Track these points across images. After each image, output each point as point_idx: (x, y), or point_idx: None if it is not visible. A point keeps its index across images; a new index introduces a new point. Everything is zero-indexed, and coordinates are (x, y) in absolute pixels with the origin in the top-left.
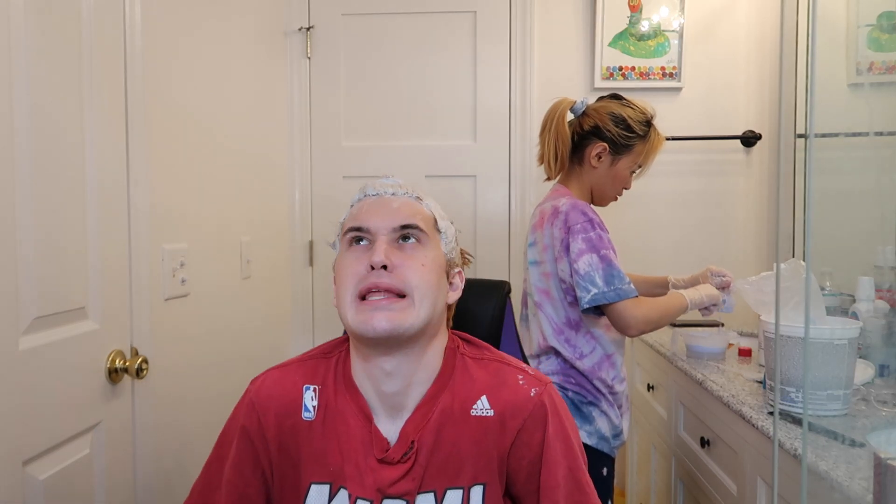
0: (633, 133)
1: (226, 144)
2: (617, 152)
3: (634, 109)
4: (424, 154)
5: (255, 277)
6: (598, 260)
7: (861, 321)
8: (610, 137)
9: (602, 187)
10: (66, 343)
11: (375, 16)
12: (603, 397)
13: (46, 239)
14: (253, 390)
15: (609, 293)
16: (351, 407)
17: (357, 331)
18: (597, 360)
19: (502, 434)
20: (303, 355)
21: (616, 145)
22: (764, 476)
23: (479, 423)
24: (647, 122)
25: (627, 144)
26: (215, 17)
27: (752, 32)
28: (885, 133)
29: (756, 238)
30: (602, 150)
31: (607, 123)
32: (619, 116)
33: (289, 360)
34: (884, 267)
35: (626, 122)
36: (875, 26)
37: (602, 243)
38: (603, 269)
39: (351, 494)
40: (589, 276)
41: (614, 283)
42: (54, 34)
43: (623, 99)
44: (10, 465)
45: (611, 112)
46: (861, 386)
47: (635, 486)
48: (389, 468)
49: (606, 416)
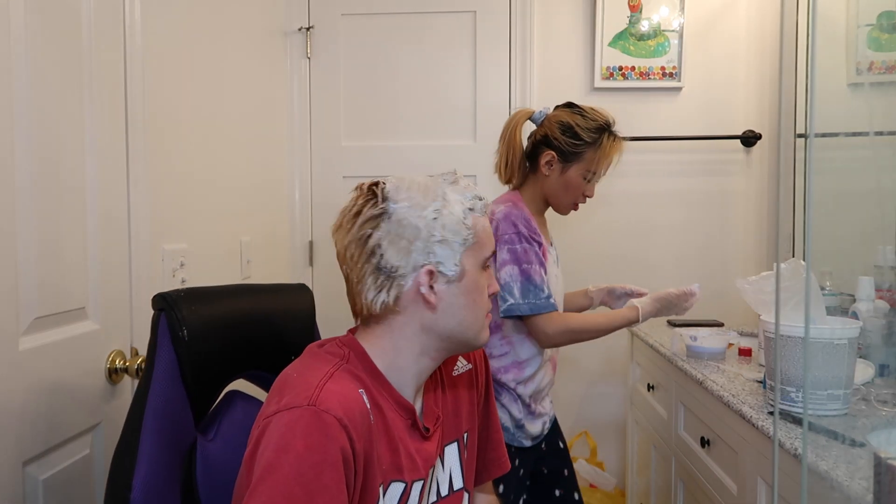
0: (580, 140)
1: (226, 144)
2: (566, 160)
3: (585, 117)
4: (424, 154)
5: (255, 277)
6: (518, 272)
7: (861, 321)
8: (557, 146)
9: (555, 195)
10: (66, 343)
11: (375, 16)
12: (506, 391)
13: (46, 239)
14: (332, 408)
15: (523, 305)
16: (388, 400)
17: (479, 343)
18: (505, 364)
19: (478, 383)
20: (318, 360)
21: (564, 153)
22: (764, 476)
23: (462, 379)
24: (597, 129)
25: (575, 152)
26: (215, 16)
27: (751, 32)
28: (885, 133)
29: (756, 238)
30: (551, 158)
31: (555, 132)
32: (566, 124)
33: (312, 367)
34: (884, 267)
35: (573, 130)
36: (875, 26)
37: (526, 256)
38: (521, 281)
39: (407, 482)
40: (507, 287)
41: (529, 297)
42: (54, 34)
43: (576, 107)
44: (10, 465)
45: (559, 121)
46: (861, 386)
47: (635, 486)
48: (428, 443)
49: (506, 409)
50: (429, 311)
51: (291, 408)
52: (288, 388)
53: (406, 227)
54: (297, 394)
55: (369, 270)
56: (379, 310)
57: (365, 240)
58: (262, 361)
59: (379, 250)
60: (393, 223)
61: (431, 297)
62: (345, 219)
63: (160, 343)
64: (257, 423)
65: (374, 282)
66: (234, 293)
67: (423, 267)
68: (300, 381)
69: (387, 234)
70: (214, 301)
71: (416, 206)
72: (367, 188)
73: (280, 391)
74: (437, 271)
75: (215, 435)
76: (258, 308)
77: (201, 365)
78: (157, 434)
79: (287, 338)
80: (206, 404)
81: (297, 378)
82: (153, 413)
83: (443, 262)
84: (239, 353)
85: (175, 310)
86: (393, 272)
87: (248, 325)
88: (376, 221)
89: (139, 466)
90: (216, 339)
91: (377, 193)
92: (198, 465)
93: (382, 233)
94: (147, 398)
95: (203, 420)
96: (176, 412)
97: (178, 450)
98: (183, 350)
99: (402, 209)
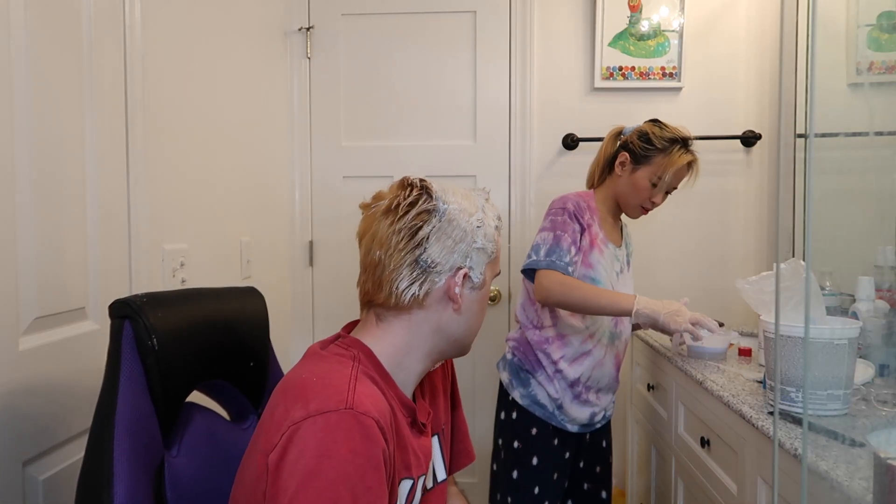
0: (651, 146)
1: (226, 144)
2: (636, 162)
3: (662, 129)
4: (424, 154)
5: (255, 277)
6: (551, 237)
7: (861, 321)
8: (632, 148)
9: (624, 195)
10: (66, 343)
11: (375, 16)
12: (542, 370)
13: (46, 239)
14: (368, 411)
15: (542, 262)
16: (395, 400)
17: (467, 351)
18: (549, 335)
19: (448, 374)
20: (331, 363)
21: (636, 155)
22: (764, 476)
23: (437, 373)
24: (670, 140)
25: (646, 155)
26: (215, 16)
27: (751, 32)
28: (885, 133)
29: (756, 238)
30: (624, 159)
31: (633, 137)
32: (643, 131)
33: (330, 370)
34: (884, 267)
35: (647, 136)
36: (875, 26)
37: (563, 226)
38: (551, 244)
39: (415, 479)
40: (536, 248)
41: (551, 256)
42: (54, 34)
43: (659, 122)
44: (10, 465)
45: (639, 129)
46: (861, 386)
47: (635, 486)
48: (425, 438)
49: (543, 388)
50: (452, 311)
51: (326, 412)
52: (311, 392)
53: (455, 227)
54: (326, 397)
55: (409, 261)
56: (407, 301)
57: (415, 230)
58: (223, 369)
59: (425, 243)
60: (444, 221)
61: (458, 299)
62: (399, 206)
63: (125, 354)
64: (277, 428)
65: (409, 272)
66: (193, 297)
67: (459, 269)
68: (323, 384)
69: (436, 231)
70: (178, 306)
71: (465, 212)
72: (420, 184)
73: (300, 395)
74: (468, 275)
75: (179, 450)
76: (218, 313)
77: (170, 375)
78: (132, 455)
79: (246, 344)
80: (172, 418)
81: (317, 382)
82: (125, 433)
83: (474, 268)
84: (202, 361)
85: (141, 317)
86: (431, 267)
87: (210, 330)
88: (429, 216)
89: (117, 492)
90: (184, 347)
91: (430, 191)
92: (167, 483)
93: (432, 228)
94: (115, 416)
95: (168, 435)
96: (147, 429)
97: (151, 469)
98: (152, 360)
99: (453, 210)
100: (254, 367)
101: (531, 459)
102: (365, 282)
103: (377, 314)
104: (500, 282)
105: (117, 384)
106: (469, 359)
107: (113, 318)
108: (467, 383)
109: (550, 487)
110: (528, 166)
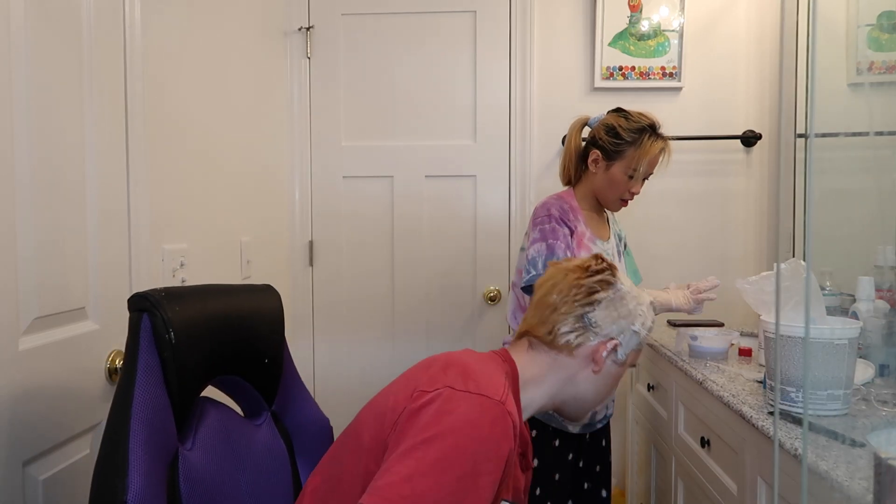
0: (621, 140)
1: (226, 144)
2: (609, 158)
3: (629, 119)
4: (424, 154)
5: (255, 277)
6: (544, 248)
7: (861, 321)
8: (602, 145)
9: (602, 191)
10: (66, 343)
11: (375, 16)
12: None
13: (46, 239)
14: (513, 413)
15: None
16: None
17: (584, 418)
18: None
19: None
20: (491, 363)
21: (607, 152)
22: (764, 476)
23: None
24: (638, 130)
25: (617, 150)
26: (215, 17)
27: (752, 32)
28: (885, 133)
29: (756, 238)
30: (597, 157)
31: (601, 133)
32: (610, 125)
33: (490, 368)
34: (884, 267)
35: (615, 131)
36: (875, 26)
37: (553, 234)
38: (546, 255)
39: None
40: (533, 261)
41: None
42: (54, 35)
43: (623, 111)
44: (10, 465)
45: (605, 123)
46: (861, 386)
47: (635, 486)
48: (526, 475)
49: None
50: (591, 370)
51: (483, 395)
52: (473, 375)
53: (623, 305)
54: (486, 386)
55: (577, 314)
56: (561, 343)
57: (593, 292)
58: (237, 365)
59: (596, 305)
60: (617, 297)
61: (601, 362)
62: (589, 268)
63: (142, 346)
64: (431, 382)
65: (573, 322)
66: (210, 293)
67: (611, 339)
68: (483, 375)
69: (608, 300)
70: (194, 301)
71: (634, 298)
72: (609, 262)
73: (462, 372)
74: (616, 349)
75: (193, 444)
76: (234, 309)
77: (185, 369)
78: (147, 445)
79: (260, 340)
80: (186, 411)
81: (478, 369)
82: (140, 423)
83: (623, 345)
84: (217, 357)
85: (160, 310)
86: (592, 326)
87: (226, 326)
88: (608, 287)
89: (132, 481)
90: (200, 342)
91: (615, 272)
92: (180, 476)
93: (606, 297)
94: (131, 407)
95: (183, 429)
96: (162, 421)
97: (165, 461)
98: (168, 354)
99: (626, 291)
100: (268, 364)
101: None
102: (531, 317)
103: (530, 342)
104: (500, 282)
105: (134, 376)
106: None
107: (132, 310)
108: None
109: (552, 488)
110: (528, 166)
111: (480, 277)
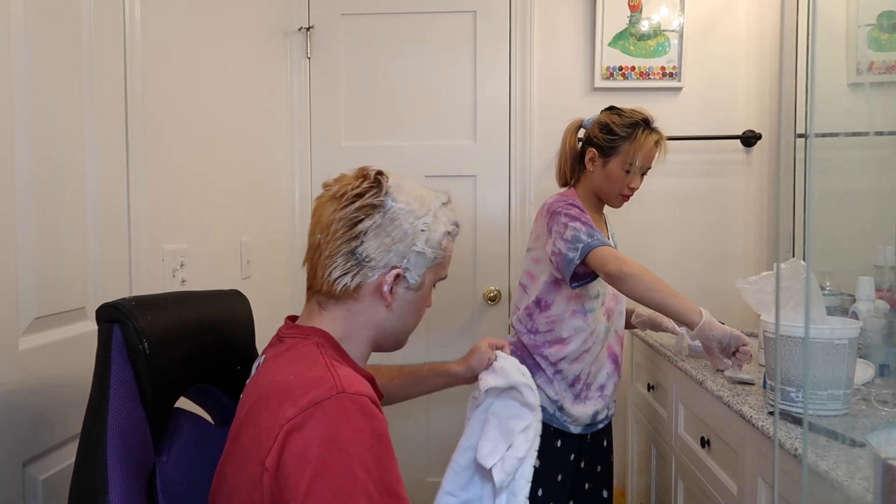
0: (615, 136)
1: (226, 144)
2: (605, 155)
3: (621, 116)
4: (424, 154)
5: (255, 277)
6: (580, 224)
7: (861, 321)
8: (597, 143)
9: (601, 188)
10: (66, 343)
11: (375, 16)
12: (541, 372)
13: (46, 239)
14: (361, 390)
15: (593, 242)
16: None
17: (402, 345)
18: (548, 339)
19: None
20: (299, 356)
21: (602, 149)
22: (764, 476)
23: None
24: (631, 125)
25: (612, 147)
26: (215, 16)
27: (752, 32)
28: (885, 133)
29: (756, 238)
30: (593, 155)
31: (595, 131)
32: (603, 123)
33: (304, 363)
34: (884, 267)
35: (609, 127)
36: (875, 26)
37: (582, 215)
38: (586, 229)
39: None
40: (576, 238)
41: (595, 235)
42: (54, 34)
43: (616, 108)
44: (10, 465)
45: (599, 121)
46: (861, 386)
47: (635, 486)
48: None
49: (542, 390)
50: (383, 308)
51: (320, 401)
52: (297, 390)
53: (396, 227)
54: (315, 389)
55: (344, 251)
56: (338, 291)
57: (355, 223)
58: (211, 373)
59: (362, 237)
60: (386, 218)
61: (388, 297)
62: (344, 195)
63: (114, 358)
64: (268, 433)
65: (343, 262)
66: (180, 301)
67: (393, 268)
68: (305, 379)
69: (375, 226)
70: (166, 309)
71: (411, 213)
72: (374, 176)
73: (286, 396)
74: (403, 276)
75: (169, 457)
76: (205, 316)
77: (160, 380)
78: (125, 462)
79: (233, 347)
80: (162, 423)
81: (297, 379)
82: (117, 438)
83: (411, 270)
84: (191, 366)
85: (131, 320)
86: (365, 262)
87: (199, 334)
88: (372, 211)
89: (112, 499)
90: (174, 352)
91: (382, 185)
92: (158, 489)
93: (373, 223)
94: (106, 421)
95: (158, 441)
96: (138, 434)
97: (144, 476)
98: (142, 364)
99: (398, 209)
100: (241, 370)
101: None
102: (307, 262)
103: (319, 302)
104: (500, 282)
105: (108, 389)
106: None
107: (100, 322)
108: (468, 385)
109: (554, 489)
110: (528, 166)
111: (480, 277)
